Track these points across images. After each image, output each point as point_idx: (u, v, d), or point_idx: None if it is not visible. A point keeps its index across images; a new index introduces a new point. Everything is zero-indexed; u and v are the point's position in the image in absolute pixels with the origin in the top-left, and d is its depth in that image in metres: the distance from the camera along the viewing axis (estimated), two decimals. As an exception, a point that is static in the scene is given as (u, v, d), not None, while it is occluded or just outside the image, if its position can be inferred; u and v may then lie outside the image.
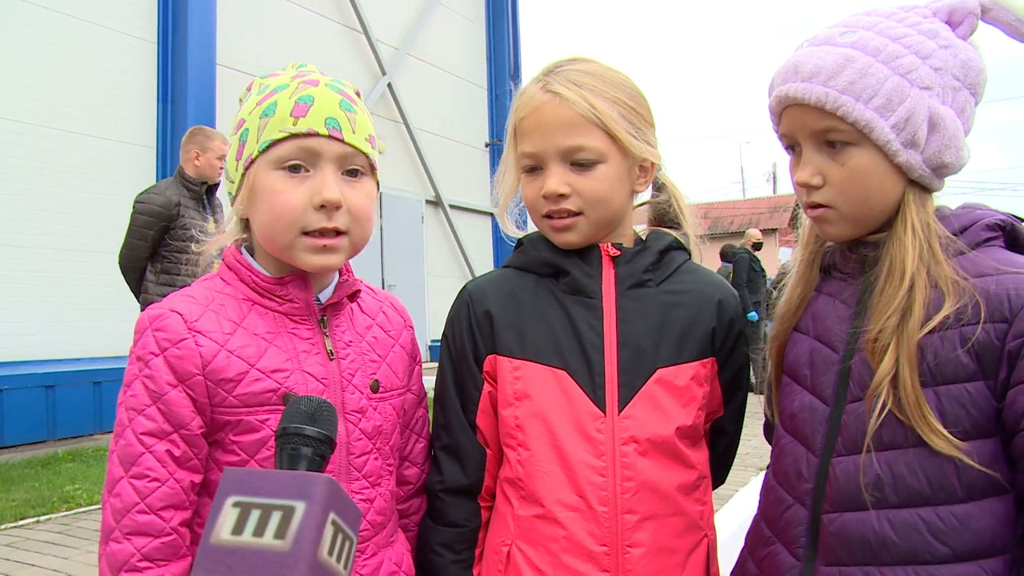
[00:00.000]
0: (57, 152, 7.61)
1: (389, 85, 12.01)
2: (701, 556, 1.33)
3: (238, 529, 0.85)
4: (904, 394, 1.09)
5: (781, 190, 35.45)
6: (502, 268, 1.45)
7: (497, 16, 15.02)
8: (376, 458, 1.28)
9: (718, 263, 11.31)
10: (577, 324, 1.32)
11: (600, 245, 1.35)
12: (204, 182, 5.04)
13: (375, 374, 1.31)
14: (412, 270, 12.39)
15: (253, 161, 1.22)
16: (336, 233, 1.21)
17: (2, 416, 6.74)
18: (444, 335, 1.43)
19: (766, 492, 1.30)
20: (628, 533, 1.25)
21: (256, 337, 1.21)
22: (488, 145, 14.57)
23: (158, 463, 1.14)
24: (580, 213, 1.31)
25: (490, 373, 1.36)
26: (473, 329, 1.37)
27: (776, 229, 28.09)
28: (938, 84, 1.12)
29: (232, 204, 1.28)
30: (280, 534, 0.84)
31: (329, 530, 0.86)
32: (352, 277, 1.34)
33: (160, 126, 8.48)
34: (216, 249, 1.34)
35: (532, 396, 1.30)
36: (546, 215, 1.33)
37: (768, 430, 1.39)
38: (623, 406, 1.28)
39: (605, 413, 1.28)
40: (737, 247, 10.75)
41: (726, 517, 4.17)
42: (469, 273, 13.57)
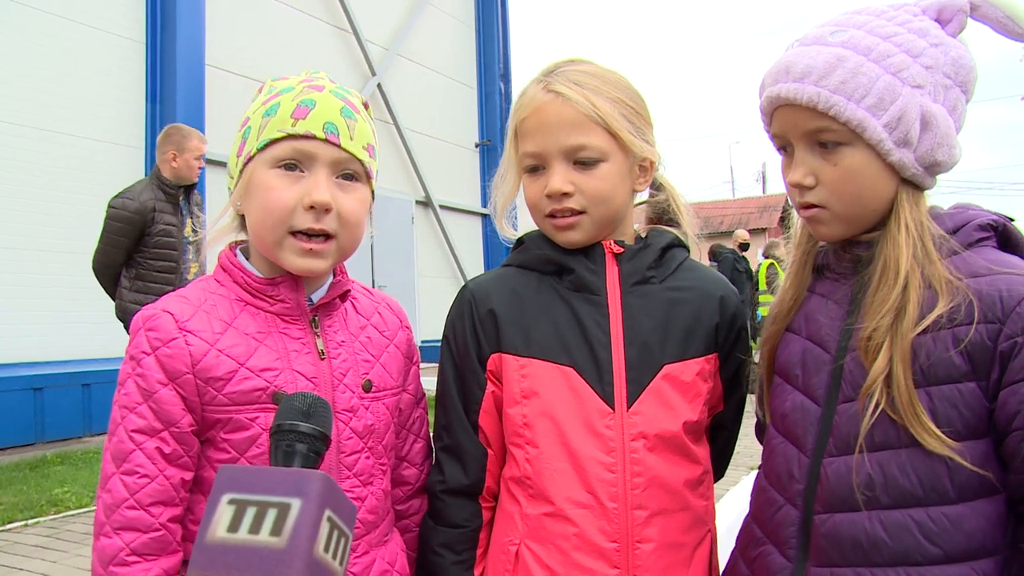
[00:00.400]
0: (47, 153, 7.56)
1: (379, 85, 11.98)
2: (705, 551, 1.35)
3: (234, 527, 0.85)
4: (897, 393, 1.09)
5: (771, 190, 35.56)
6: (502, 267, 1.45)
7: (487, 16, 15.00)
8: (368, 457, 1.28)
9: (707, 263, 11.36)
10: (583, 321, 1.32)
11: (603, 242, 1.36)
12: (181, 184, 4.82)
13: (367, 374, 1.31)
14: (402, 271, 12.35)
15: (252, 158, 1.25)
16: (324, 237, 1.23)
17: (-10, 418, 6.69)
18: (445, 335, 1.42)
19: (757, 493, 1.30)
20: (638, 529, 1.26)
21: (247, 336, 1.22)
22: (478, 145, 14.55)
23: (148, 460, 1.16)
24: (583, 212, 1.31)
25: (494, 372, 1.36)
26: (476, 328, 1.37)
27: (766, 228, 28.21)
28: (929, 82, 1.12)
29: (230, 198, 1.31)
30: (276, 531, 0.84)
31: (325, 527, 0.87)
32: (345, 278, 1.35)
33: (149, 127, 8.43)
34: (214, 246, 1.35)
35: (540, 394, 1.31)
36: (549, 214, 1.33)
37: (759, 430, 1.40)
38: (631, 402, 1.29)
39: (614, 409, 1.28)
40: (725, 247, 10.84)
41: (717, 516, 4.16)
42: (459, 273, 13.55)
